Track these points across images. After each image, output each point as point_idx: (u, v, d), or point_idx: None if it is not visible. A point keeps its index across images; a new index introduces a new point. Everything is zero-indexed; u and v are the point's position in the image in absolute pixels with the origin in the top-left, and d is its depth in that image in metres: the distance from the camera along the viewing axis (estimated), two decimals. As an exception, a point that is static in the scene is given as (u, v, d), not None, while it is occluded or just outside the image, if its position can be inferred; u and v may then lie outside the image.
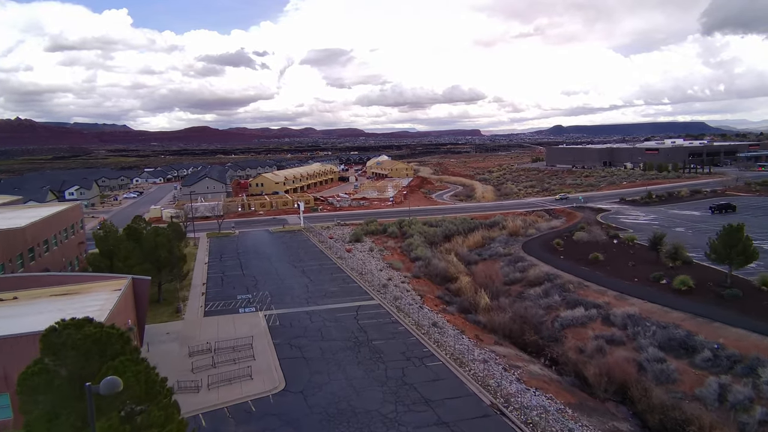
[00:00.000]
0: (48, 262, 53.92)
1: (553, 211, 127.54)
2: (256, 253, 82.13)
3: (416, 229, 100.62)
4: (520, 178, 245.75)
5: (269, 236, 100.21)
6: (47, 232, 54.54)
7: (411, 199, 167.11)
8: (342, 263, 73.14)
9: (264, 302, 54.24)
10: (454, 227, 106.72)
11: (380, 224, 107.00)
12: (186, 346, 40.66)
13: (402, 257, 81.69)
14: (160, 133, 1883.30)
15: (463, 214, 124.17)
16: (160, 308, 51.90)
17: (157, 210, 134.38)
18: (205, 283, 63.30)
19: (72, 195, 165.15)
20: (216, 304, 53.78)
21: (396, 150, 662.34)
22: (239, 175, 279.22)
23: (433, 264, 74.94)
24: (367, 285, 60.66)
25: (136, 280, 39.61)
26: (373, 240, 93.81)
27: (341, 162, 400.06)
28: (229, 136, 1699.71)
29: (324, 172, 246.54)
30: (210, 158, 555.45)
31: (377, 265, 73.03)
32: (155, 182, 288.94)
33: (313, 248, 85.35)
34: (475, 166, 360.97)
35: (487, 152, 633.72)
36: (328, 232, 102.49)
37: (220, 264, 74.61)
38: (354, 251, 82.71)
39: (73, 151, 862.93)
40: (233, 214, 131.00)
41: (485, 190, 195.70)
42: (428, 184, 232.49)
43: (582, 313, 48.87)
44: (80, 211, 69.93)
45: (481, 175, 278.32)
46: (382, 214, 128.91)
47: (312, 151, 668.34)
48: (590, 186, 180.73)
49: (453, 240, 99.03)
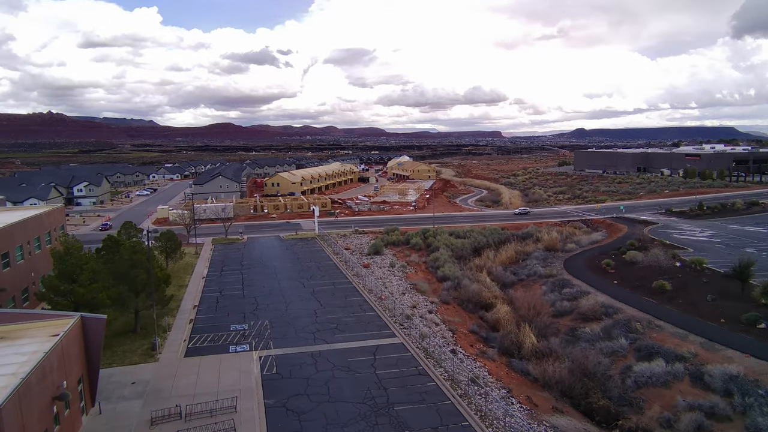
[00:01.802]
0: (7, 281, 45.20)
1: (591, 222, 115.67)
2: (262, 266, 72.76)
3: (442, 240, 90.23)
4: (547, 183, 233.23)
5: (280, 244, 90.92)
6: (8, 243, 45.83)
7: (434, 203, 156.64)
8: (359, 282, 63.26)
9: (262, 336, 44.60)
10: (484, 239, 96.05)
11: (402, 233, 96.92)
12: (150, 406, 31.14)
13: (427, 275, 71.44)
14: (185, 128, 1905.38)
15: (492, 223, 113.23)
16: (135, 342, 42.65)
17: (165, 210, 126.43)
18: (197, 305, 53.99)
19: (80, 191, 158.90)
20: (203, 338, 44.32)
21: (417, 150, 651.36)
22: (257, 174, 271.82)
23: (463, 286, 64.53)
24: (387, 314, 50.61)
25: (86, 320, 30.27)
26: (395, 252, 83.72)
27: (361, 161, 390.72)
28: (252, 133, 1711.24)
29: (343, 172, 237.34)
30: (231, 155, 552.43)
31: (399, 286, 62.92)
32: (172, 179, 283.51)
33: (327, 261, 75.65)
34: (498, 169, 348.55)
35: (508, 154, 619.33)
36: (344, 241, 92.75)
37: (220, 279, 65.38)
38: (373, 267, 72.76)
39: (99, 145, 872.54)
40: (244, 217, 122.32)
41: (512, 196, 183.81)
42: (451, 187, 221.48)
43: (662, 369, 38.05)
44: (61, 215, 61.35)
45: (506, 179, 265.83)
46: (404, 221, 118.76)
47: (332, 150, 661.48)
48: (627, 194, 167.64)
49: (483, 254, 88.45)
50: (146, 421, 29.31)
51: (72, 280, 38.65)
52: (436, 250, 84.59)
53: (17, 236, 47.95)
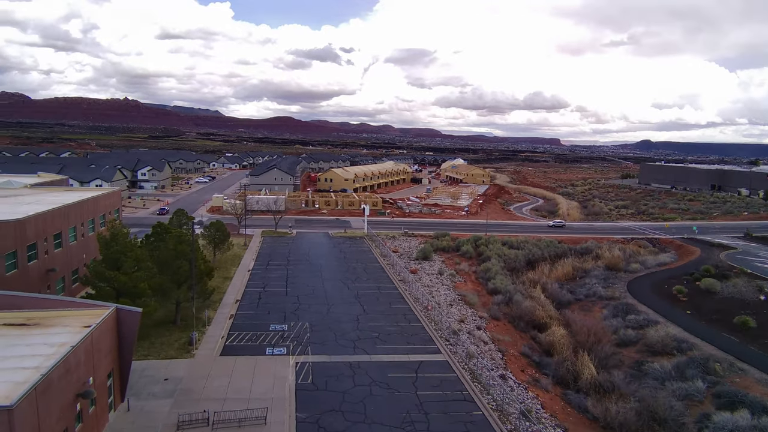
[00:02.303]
0: (59, 261, 45.67)
1: (658, 241, 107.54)
2: (308, 263, 71.41)
3: (494, 250, 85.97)
4: (608, 196, 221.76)
5: (328, 241, 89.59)
6: (62, 223, 46.32)
7: (487, 210, 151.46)
8: (405, 289, 60.51)
9: (300, 340, 42.72)
10: (539, 251, 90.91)
11: (452, 239, 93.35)
12: (179, 407, 29.73)
13: (477, 287, 67.71)
14: (248, 120, 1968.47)
15: (548, 235, 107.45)
16: (173, 334, 41.83)
17: (219, 199, 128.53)
18: (239, 300, 52.96)
19: (144, 176, 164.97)
20: (241, 336, 42.96)
21: (472, 154, 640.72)
22: (311, 168, 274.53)
23: (515, 301, 60.47)
24: (432, 327, 47.59)
25: (121, 312, 29.19)
26: (444, 259, 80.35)
27: (415, 162, 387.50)
28: (310, 128, 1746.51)
29: (396, 171, 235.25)
30: (288, 148, 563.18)
31: (447, 296, 59.65)
32: (230, 168, 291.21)
33: (374, 263, 73.38)
34: (555, 178, 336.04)
35: (567, 163, 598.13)
36: (392, 243, 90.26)
37: (265, 274, 64.42)
38: (420, 273, 69.82)
39: (168, 131, 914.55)
40: (295, 211, 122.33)
41: (570, 207, 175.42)
42: (506, 193, 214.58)
43: (748, 422, 32.96)
44: (117, 198, 62.26)
45: (563, 189, 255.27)
46: (455, 226, 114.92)
47: (387, 149, 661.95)
48: (699, 213, 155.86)
49: (537, 267, 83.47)
50: (173, 424, 27.84)
51: (116, 267, 38.14)
52: (488, 260, 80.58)
53: (72, 217, 48.52)
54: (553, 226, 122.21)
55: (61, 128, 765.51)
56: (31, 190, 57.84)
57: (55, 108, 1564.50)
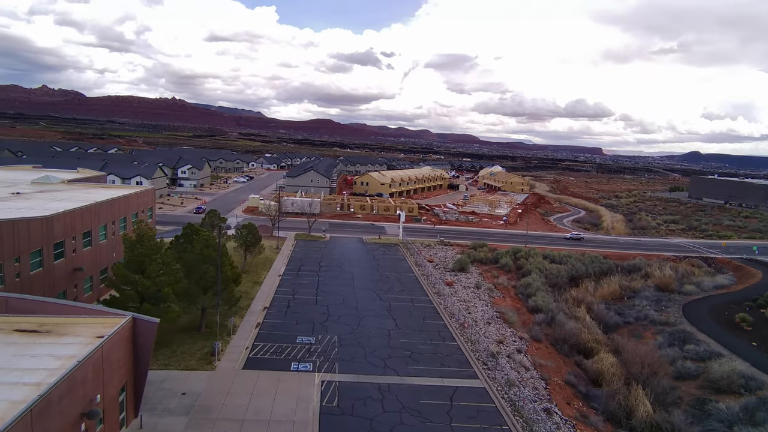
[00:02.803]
0: (87, 260, 44.76)
1: (713, 261, 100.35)
2: (340, 270, 69.13)
3: (535, 263, 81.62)
4: (655, 209, 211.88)
5: (361, 248, 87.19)
6: (92, 221, 45.45)
7: (526, 220, 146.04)
8: (439, 302, 57.30)
9: (328, 355, 40.20)
10: (582, 267, 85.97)
11: (490, 250, 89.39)
12: (194, 428, 27.61)
13: (516, 303, 63.77)
14: (288, 122, 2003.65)
15: (591, 249, 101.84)
16: (196, 343, 40.04)
17: (255, 199, 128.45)
18: (267, 308, 51.00)
19: (184, 174, 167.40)
20: (266, 348, 40.78)
21: (510, 161, 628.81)
22: (348, 171, 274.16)
23: (558, 322, 56.36)
24: (469, 347, 44.26)
25: (138, 322, 27.32)
26: (481, 271, 76.62)
27: (452, 168, 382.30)
28: (348, 131, 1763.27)
29: (433, 177, 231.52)
30: (326, 150, 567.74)
31: (484, 313, 56.06)
32: (269, 168, 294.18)
33: (408, 273, 70.44)
34: (597, 188, 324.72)
35: (609, 173, 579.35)
36: (428, 252, 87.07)
37: (295, 280, 62.44)
38: (456, 285, 66.44)
39: (211, 131, 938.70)
40: (329, 215, 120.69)
41: (614, 220, 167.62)
42: (545, 203, 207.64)
43: (839, 485, 28.32)
44: (151, 196, 61.58)
45: (606, 200, 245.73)
46: (493, 236, 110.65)
47: (425, 154, 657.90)
48: (758, 231, 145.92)
49: (581, 284, 78.69)
50: (185, 447, 25.71)
51: (140, 270, 36.64)
52: (528, 274, 76.41)
53: (102, 215, 47.70)
54: (571, 238, 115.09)
55: (112, 125, 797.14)
56: (68, 186, 57.74)
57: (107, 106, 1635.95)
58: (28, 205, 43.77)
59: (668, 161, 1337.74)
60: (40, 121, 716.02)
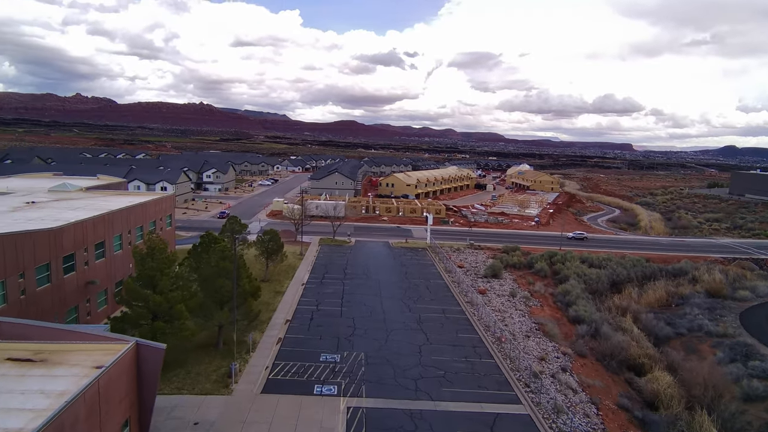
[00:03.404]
0: (101, 273, 42.58)
1: (765, 264, 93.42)
2: (366, 278, 65.86)
3: (572, 268, 76.80)
4: (695, 207, 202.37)
5: (388, 252, 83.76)
6: (106, 231, 43.29)
7: (558, 220, 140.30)
8: (472, 313, 53.43)
9: (354, 375, 36.90)
10: (624, 271, 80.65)
11: (523, 254, 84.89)
12: (206, 466, 24.65)
13: (555, 313, 59.33)
14: (313, 124, 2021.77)
15: (632, 251, 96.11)
16: (213, 362, 37.25)
17: (279, 203, 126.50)
18: (289, 321, 48.03)
19: (209, 178, 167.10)
20: (288, 368, 37.71)
21: (538, 159, 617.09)
22: (373, 172, 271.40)
23: (603, 334, 51.80)
24: (508, 365, 40.35)
25: (142, 348, 24.48)
26: (515, 277, 72.27)
27: (478, 167, 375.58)
28: (373, 132, 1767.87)
29: (460, 177, 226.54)
30: (351, 151, 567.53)
31: (522, 325, 51.93)
32: (294, 171, 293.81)
33: (437, 280, 66.70)
34: (630, 185, 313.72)
35: (641, 170, 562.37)
36: (457, 256, 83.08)
37: (319, 289, 59.41)
38: (490, 293, 62.38)
39: (238, 134, 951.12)
40: (354, 218, 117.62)
41: (652, 219, 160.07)
42: (577, 202, 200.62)
43: None
44: (170, 203, 59.46)
45: (642, 198, 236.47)
46: (525, 238, 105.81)
47: (450, 153, 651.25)
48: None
49: (624, 290, 73.55)
50: (193, 493, 22.70)
51: (151, 286, 34.04)
52: (566, 280, 71.75)
53: (117, 225, 45.56)
54: (573, 238, 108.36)
55: (142, 131, 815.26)
56: (85, 194, 56.08)
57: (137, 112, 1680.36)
58: (40, 215, 41.83)
59: (702, 156, 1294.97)
60: (73, 128, 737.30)
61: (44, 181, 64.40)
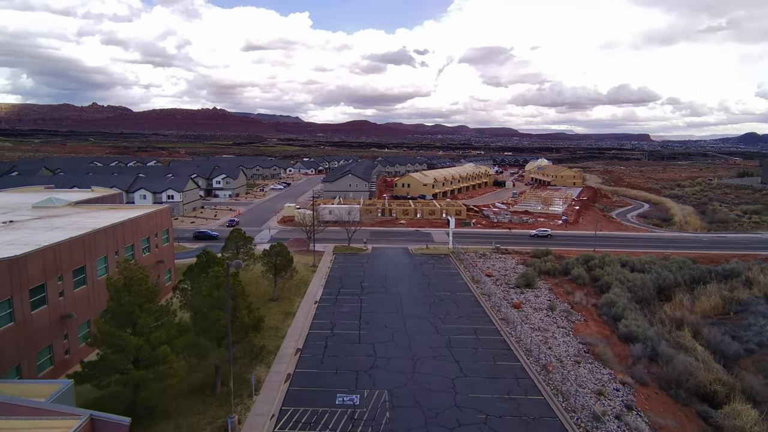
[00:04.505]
0: (80, 304, 36.83)
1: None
2: (386, 292, 59.49)
3: (614, 273, 69.44)
4: (728, 198, 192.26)
5: (408, 260, 77.27)
6: (86, 254, 37.57)
7: (587, 217, 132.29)
8: (509, 333, 46.72)
9: (377, 425, 30.49)
10: (670, 274, 72.94)
11: (556, 258, 77.67)
12: None
13: (603, 329, 52.21)
14: (326, 125, 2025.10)
15: (673, 250, 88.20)
16: (207, 411, 31.15)
17: (291, 208, 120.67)
18: (300, 350, 41.83)
19: (218, 183, 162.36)
20: (297, 416, 31.45)
21: (555, 153, 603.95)
22: (387, 172, 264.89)
23: (663, 354, 44.71)
24: (561, 404, 33.60)
25: (98, 425, 18.39)
26: (551, 286, 65.22)
27: (494, 163, 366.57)
28: (385, 131, 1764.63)
29: (477, 174, 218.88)
30: (364, 151, 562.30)
31: (568, 346, 45.05)
32: (306, 173, 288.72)
33: (465, 292, 60.04)
34: (655, 177, 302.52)
35: (662, 160, 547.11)
36: (483, 262, 76.26)
37: (334, 308, 53.17)
38: (525, 307, 55.51)
39: (251, 138, 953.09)
40: (369, 223, 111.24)
41: (685, 213, 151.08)
42: (603, 197, 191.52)
43: None
44: (166, 217, 53.72)
45: (669, 190, 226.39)
46: (554, 239, 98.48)
47: (464, 150, 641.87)
48: None
49: (674, 297, 66.05)
50: None
51: (130, 323, 28.08)
52: (608, 288, 64.52)
53: (101, 245, 39.81)
54: (536, 235, 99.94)
55: (157, 138, 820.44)
56: (73, 209, 50.66)
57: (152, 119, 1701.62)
58: (9, 239, 36.23)
59: (723, 144, 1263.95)
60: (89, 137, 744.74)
61: (32, 196, 59.19)
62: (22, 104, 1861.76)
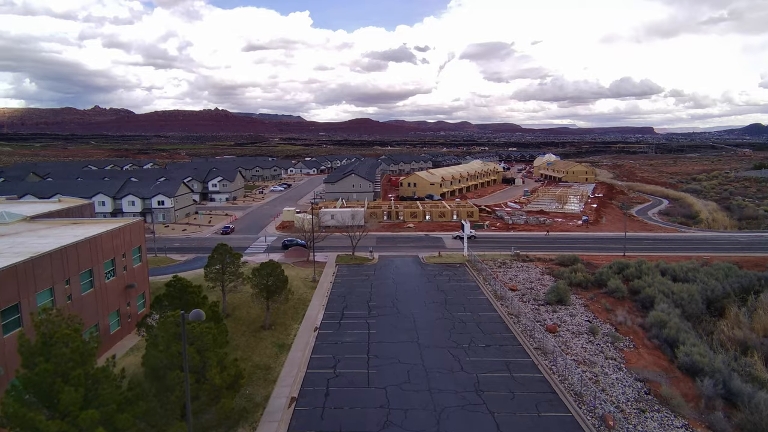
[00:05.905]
0: (9, 358, 28.76)
1: None
2: (396, 313, 51.36)
3: (655, 284, 60.95)
4: (750, 192, 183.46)
5: (419, 272, 69.08)
6: (20, 289, 29.55)
7: (608, 217, 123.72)
8: (548, 368, 38.50)
9: None
10: (717, 284, 64.30)
11: (587, 266, 69.34)
12: None
13: (657, 357, 43.82)
14: (328, 124, 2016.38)
15: (711, 253, 79.76)
16: None
17: (290, 213, 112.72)
18: (295, 400, 33.70)
19: (214, 187, 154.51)
20: None
21: (560, 147, 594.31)
22: (391, 170, 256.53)
23: (739, 393, 36.38)
24: (637, 483, 25.36)
25: None
26: (585, 301, 56.86)
27: (500, 159, 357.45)
28: (387, 129, 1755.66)
29: (486, 172, 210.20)
30: (367, 149, 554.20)
31: (624, 385, 36.73)
32: (308, 173, 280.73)
33: (488, 311, 51.84)
34: (667, 171, 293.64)
35: (669, 153, 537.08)
36: (504, 272, 67.98)
37: (337, 336, 45.07)
38: (561, 330, 47.24)
39: (253, 138, 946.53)
40: (374, 228, 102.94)
41: (710, 209, 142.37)
42: (619, 194, 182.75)
43: None
44: (138, 232, 45.62)
45: (686, 184, 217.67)
46: (577, 242, 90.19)
47: (468, 146, 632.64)
48: None
49: (727, 312, 57.52)
50: None
51: (50, 398, 20.05)
52: (650, 303, 56.08)
53: (45, 275, 31.76)
54: (458, 237, 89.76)
55: (158, 140, 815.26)
56: (25, 225, 42.72)
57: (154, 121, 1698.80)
58: None
59: (728, 136, 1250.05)
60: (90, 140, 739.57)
61: (-14, 210, 51.26)
62: (25, 108, 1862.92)
